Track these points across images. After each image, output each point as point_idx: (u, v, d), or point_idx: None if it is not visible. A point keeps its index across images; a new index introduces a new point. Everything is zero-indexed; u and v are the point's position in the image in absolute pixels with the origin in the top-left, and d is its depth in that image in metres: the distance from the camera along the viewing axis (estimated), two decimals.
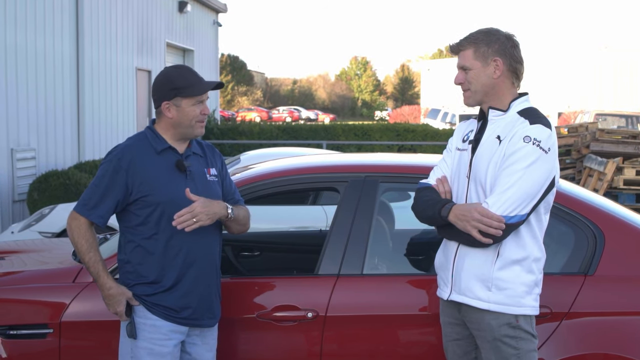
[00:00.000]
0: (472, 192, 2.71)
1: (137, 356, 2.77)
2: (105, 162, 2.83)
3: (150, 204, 2.77)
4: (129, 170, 2.77)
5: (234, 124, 17.98)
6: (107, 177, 2.78)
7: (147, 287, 2.80)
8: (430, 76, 46.87)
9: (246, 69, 61.56)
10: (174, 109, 2.82)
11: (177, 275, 2.80)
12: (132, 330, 2.78)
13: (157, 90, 2.86)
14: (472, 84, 2.73)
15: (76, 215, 2.82)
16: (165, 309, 2.79)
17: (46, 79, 10.23)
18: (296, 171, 3.50)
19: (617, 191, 9.01)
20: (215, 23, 19.78)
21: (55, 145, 10.52)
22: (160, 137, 2.86)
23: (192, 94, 2.81)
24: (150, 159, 2.81)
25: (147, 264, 2.80)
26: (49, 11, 10.27)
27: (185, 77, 2.83)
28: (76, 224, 2.81)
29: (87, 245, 2.79)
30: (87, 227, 2.80)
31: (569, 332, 2.95)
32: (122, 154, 2.80)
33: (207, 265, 2.88)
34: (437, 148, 16.04)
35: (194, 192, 2.80)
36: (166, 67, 2.94)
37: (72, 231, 2.81)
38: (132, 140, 2.88)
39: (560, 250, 3.13)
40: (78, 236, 2.80)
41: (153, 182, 2.77)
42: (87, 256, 2.79)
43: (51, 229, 6.76)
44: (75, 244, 2.81)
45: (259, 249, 4.52)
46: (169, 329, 2.80)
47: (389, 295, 3.12)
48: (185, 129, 2.85)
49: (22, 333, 3.11)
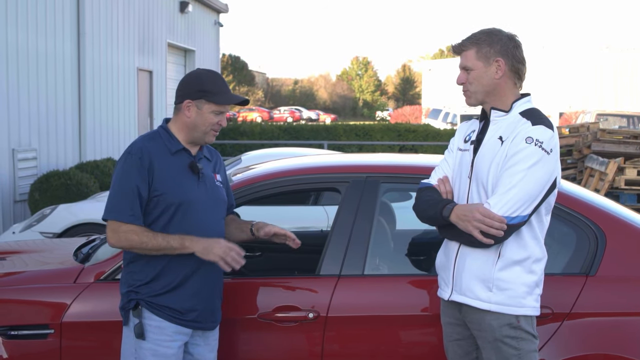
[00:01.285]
0: (474, 193, 2.71)
1: (141, 357, 2.76)
2: (126, 160, 2.77)
3: (163, 203, 2.76)
4: (149, 168, 2.75)
5: (235, 124, 17.99)
6: (133, 174, 2.73)
7: (152, 287, 2.78)
8: (432, 76, 46.87)
9: (247, 69, 61.59)
10: (194, 110, 2.82)
11: (183, 276, 2.80)
12: (140, 331, 2.76)
13: (185, 87, 2.85)
14: (473, 84, 2.73)
15: (116, 225, 2.72)
16: (171, 311, 2.78)
17: (47, 79, 10.23)
18: (297, 171, 3.51)
19: (618, 191, 8.99)
20: (216, 23, 19.80)
21: (56, 145, 10.53)
22: (174, 138, 2.85)
23: (218, 101, 2.81)
24: (165, 158, 2.80)
25: (154, 263, 2.77)
26: (50, 11, 10.28)
27: (216, 83, 2.84)
28: (124, 231, 2.71)
29: (148, 236, 2.70)
30: (133, 227, 2.72)
31: (570, 332, 2.95)
32: (142, 151, 2.77)
33: (213, 267, 2.88)
34: (438, 148, 16.05)
35: (204, 194, 2.83)
36: (199, 69, 2.93)
37: (123, 240, 2.71)
38: (148, 139, 2.85)
39: (561, 251, 3.12)
40: (134, 238, 2.70)
41: (168, 182, 2.77)
42: (158, 241, 2.70)
43: (52, 229, 6.77)
44: (137, 248, 2.72)
45: (260, 249, 4.51)
46: (174, 331, 2.79)
47: (390, 295, 3.12)
48: (198, 133, 2.84)
49: (23, 333, 3.11)
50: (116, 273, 3.14)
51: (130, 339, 2.80)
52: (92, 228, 6.69)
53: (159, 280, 2.78)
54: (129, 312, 2.80)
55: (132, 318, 2.79)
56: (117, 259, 3.16)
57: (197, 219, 2.81)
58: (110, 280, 3.15)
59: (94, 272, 3.19)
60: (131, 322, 2.79)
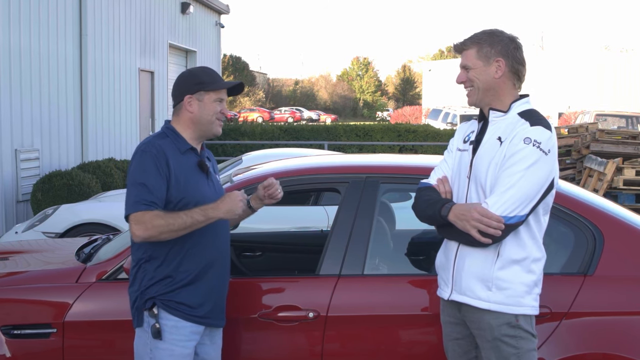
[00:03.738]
0: (473, 193, 2.73)
1: (157, 358, 2.74)
2: (142, 156, 2.73)
3: (180, 204, 2.74)
4: (167, 164, 2.72)
5: (236, 125, 17.99)
6: (151, 168, 2.68)
7: (166, 284, 2.75)
8: (432, 77, 46.81)
9: (248, 70, 61.55)
10: (196, 104, 2.84)
11: (199, 271, 2.79)
12: (157, 331, 2.73)
13: (181, 85, 2.88)
14: (473, 82, 2.74)
15: (139, 216, 2.65)
16: (186, 307, 2.76)
17: (49, 81, 10.25)
18: (298, 172, 3.52)
19: (616, 191, 9.02)
20: (217, 24, 19.81)
21: (58, 146, 10.55)
22: (181, 137, 2.85)
23: (216, 87, 2.85)
24: (177, 157, 2.79)
25: (169, 260, 2.76)
26: (52, 13, 10.30)
27: (209, 74, 2.90)
28: (149, 218, 2.63)
29: (173, 216, 2.65)
30: (156, 212, 2.65)
31: (568, 331, 2.96)
32: (157, 148, 2.74)
33: (225, 264, 2.90)
34: (438, 148, 16.05)
35: (212, 192, 2.84)
36: (189, 68, 2.98)
37: (150, 228, 2.63)
38: (159, 137, 2.83)
39: (560, 251, 3.14)
40: (160, 222, 2.63)
41: (184, 183, 2.76)
42: (183, 219, 2.66)
43: (55, 229, 6.78)
44: (165, 232, 2.64)
45: (261, 249, 4.53)
46: (190, 330, 2.78)
47: (390, 295, 3.13)
48: (205, 125, 2.86)
49: (26, 333, 3.13)
50: (118, 273, 3.15)
51: (144, 339, 2.77)
52: (94, 228, 6.71)
53: (174, 277, 2.76)
54: (142, 312, 2.77)
55: (147, 319, 2.76)
56: (119, 258, 3.18)
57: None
58: (112, 280, 3.16)
59: (96, 272, 3.20)
60: (145, 323, 2.76)
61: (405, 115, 39.85)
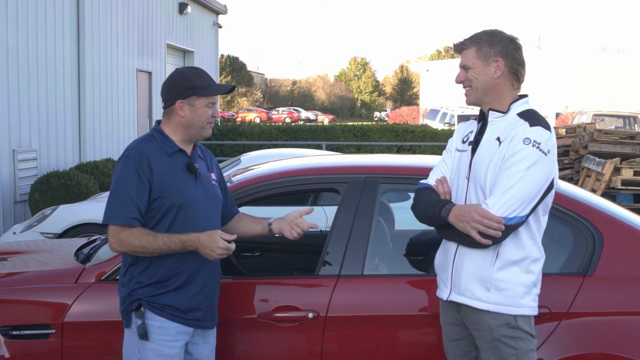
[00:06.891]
0: (472, 193, 2.73)
1: (144, 358, 2.75)
2: (125, 163, 2.75)
3: (164, 206, 2.75)
4: (149, 171, 2.74)
5: (234, 125, 17.97)
6: (133, 177, 2.71)
7: (153, 288, 2.77)
8: (429, 77, 46.86)
9: (246, 70, 61.56)
10: (188, 109, 2.82)
11: (187, 277, 2.80)
12: (144, 332, 2.75)
13: (172, 88, 2.86)
14: (472, 82, 2.74)
15: (117, 230, 2.70)
16: (174, 310, 2.78)
17: (47, 81, 10.25)
18: (296, 172, 3.52)
19: (615, 191, 9.02)
20: (215, 24, 19.81)
21: (56, 146, 10.54)
22: (169, 140, 2.85)
23: (208, 93, 2.83)
24: (163, 160, 2.79)
25: (156, 264, 2.77)
26: (50, 13, 10.29)
27: (202, 77, 2.86)
28: (125, 237, 2.69)
29: (149, 240, 2.69)
30: (133, 231, 2.71)
31: (567, 332, 2.96)
32: (140, 154, 2.75)
33: (215, 268, 2.90)
34: (436, 149, 16.06)
35: (202, 194, 2.83)
36: (179, 68, 2.94)
37: (125, 245, 2.69)
38: (143, 142, 2.83)
39: (559, 251, 3.14)
40: (135, 243, 2.69)
41: (168, 184, 2.76)
42: (159, 245, 2.70)
43: (53, 230, 6.78)
44: (139, 252, 2.71)
45: (260, 250, 4.53)
46: (177, 330, 2.79)
47: (389, 295, 3.13)
48: (196, 130, 2.85)
49: (25, 333, 3.12)
50: (117, 273, 3.14)
51: (132, 340, 2.79)
52: (93, 228, 6.70)
53: (161, 282, 2.78)
54: (130, 314, 2.79)
55: (134, 320, 2.78)
56: (118, 259, 3.17)
57: (197, 219, 2.81)
58: (111, 281, 3.16)
59: (95, 273, 3.20)
60: (133, 324, 2.78)
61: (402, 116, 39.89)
